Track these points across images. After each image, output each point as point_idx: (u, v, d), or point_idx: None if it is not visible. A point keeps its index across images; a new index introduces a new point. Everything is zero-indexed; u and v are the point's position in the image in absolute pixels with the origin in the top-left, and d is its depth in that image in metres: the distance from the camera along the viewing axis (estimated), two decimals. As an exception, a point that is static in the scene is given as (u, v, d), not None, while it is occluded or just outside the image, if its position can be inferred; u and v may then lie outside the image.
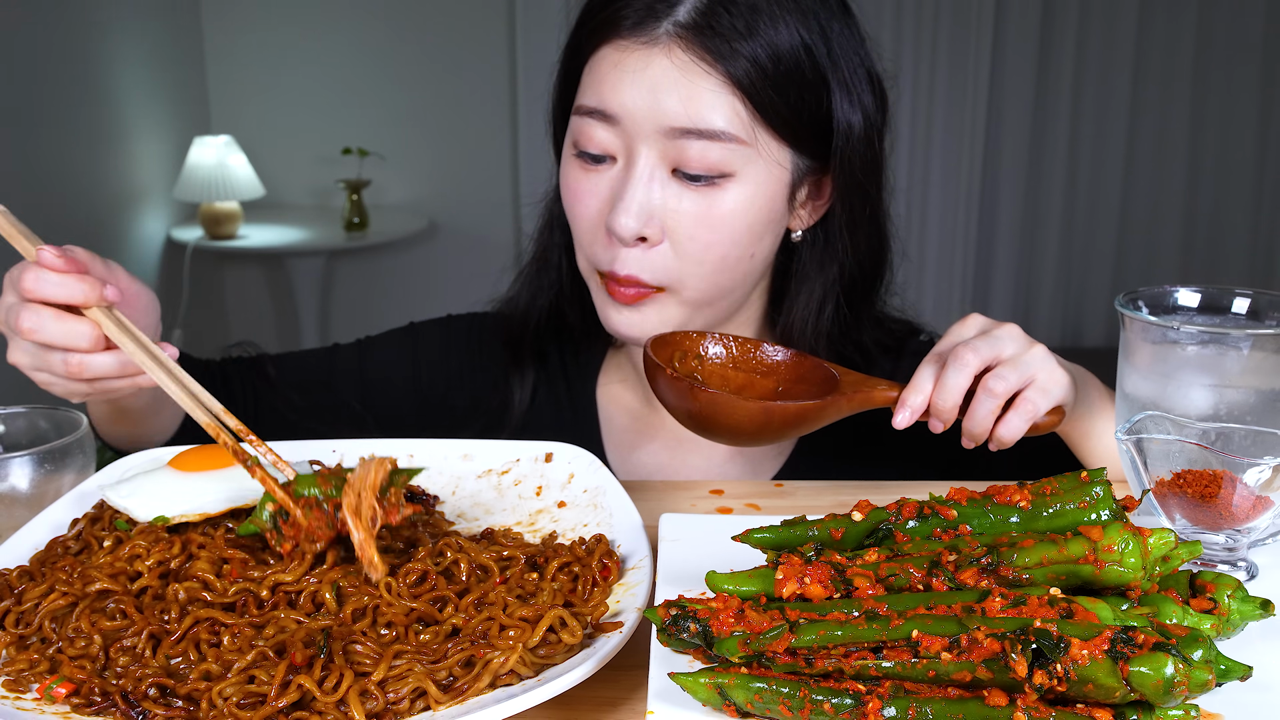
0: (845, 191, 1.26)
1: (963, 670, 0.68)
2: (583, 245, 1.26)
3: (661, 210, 1.18)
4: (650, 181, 1.18)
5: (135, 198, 4.29)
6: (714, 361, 1.17)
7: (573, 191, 1.24)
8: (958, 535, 0.82)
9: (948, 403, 1.05)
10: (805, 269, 1.32)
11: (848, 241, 1.29)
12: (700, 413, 1.07)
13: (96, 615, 0.86)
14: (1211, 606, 0.78)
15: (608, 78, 1.19)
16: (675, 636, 0.76)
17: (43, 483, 1.09)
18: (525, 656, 0.79)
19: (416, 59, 4.87)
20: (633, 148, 1.18)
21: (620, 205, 1.17)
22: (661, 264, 1.20)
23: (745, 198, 1.19)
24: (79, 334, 1.01)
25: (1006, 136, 4.89)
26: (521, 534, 1.05)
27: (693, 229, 1.19)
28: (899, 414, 1.07)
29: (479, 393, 1.47)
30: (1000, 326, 1.08)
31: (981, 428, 1.06)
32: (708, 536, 0.98)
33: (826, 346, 1.33)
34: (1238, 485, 0.90)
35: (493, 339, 1.48)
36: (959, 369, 1.04)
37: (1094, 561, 0.74)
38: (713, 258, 1.20)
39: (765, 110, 1.17)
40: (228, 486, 0.99)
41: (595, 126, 1.20)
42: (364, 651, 0.81)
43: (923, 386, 1.06)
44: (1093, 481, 0.82)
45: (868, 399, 1.09)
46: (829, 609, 0.74)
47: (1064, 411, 1.09)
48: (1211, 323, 1.04)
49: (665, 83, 1.15)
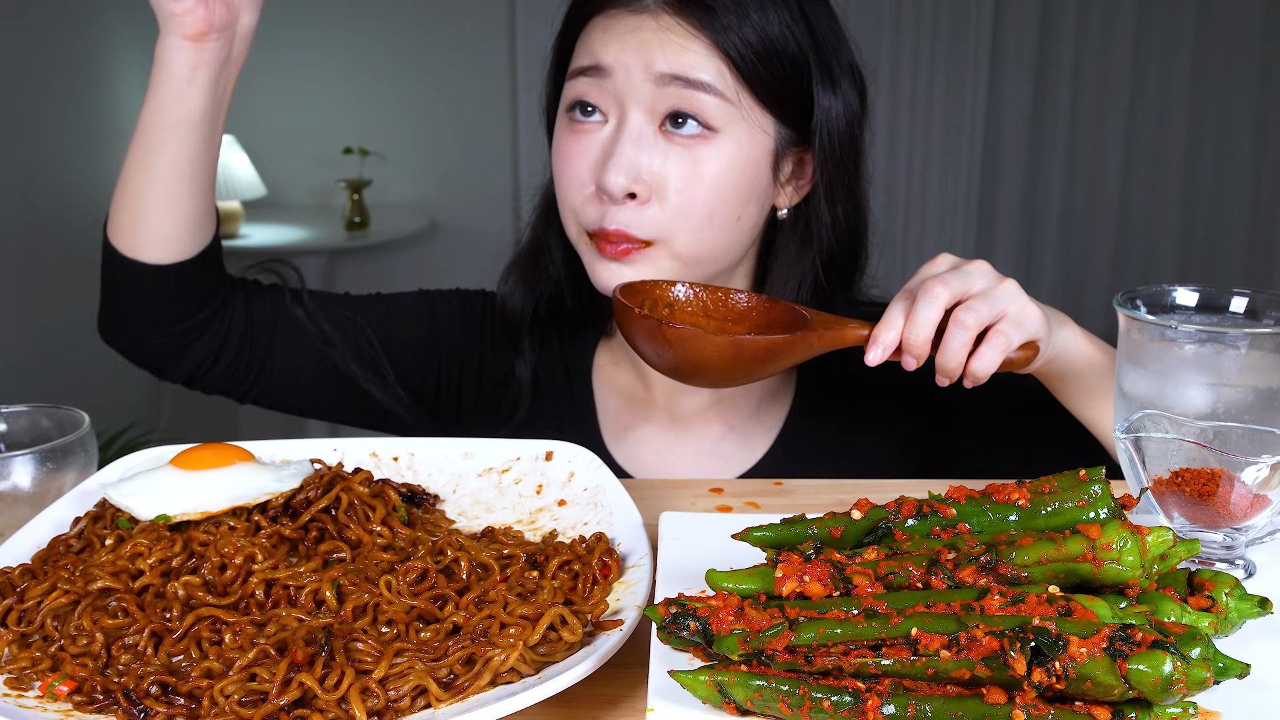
0: (825, 169, 1.29)
1: (961, 668, 0.68)
2: (572, 207, 1.28)
3: (649, 168, 1.22)
4: (639, 139, 1.22)
5: (137, 197, 4.29)
6: (685, 310, 1.19)
7: (563, 154, 1.28)
8: (956, 533, 0.82)
9: (919, 337, 1.05)
10: (787, 246, 1.35)
11: (827, 219, 1.31)
12: (670, 350, 1.07)
13: (98, 613, 0.86)
14: (1210, 604, 0.78)
15: (598, 39, 1.24)
16: (675, 634, 0.76)
17: (45, 481, 1.09)
18: (526, 654, 0.79)
19: (417, 59, 4.87)
20: (623, 105, 1.23)
21: (611, 162, 1.21)
22: (650, 220, 1.23)
23: (729, 156, 1.23)
24: None
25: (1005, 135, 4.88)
26: (522, 532, 1.05)
27: (679, 184, 1.22)
28: (871, 350, 1.06)
29: (490, 369, 1.49)
30: (970, 262, 1.08)
31: (955, 361, 1.05)
32: (707, 535, 0.98)
33: None
34: (1236, 484, 0.89)
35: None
36: (929, 302, 1.04)
37: (1092, 560, 0.74)
38: (699, 212, 1.23)
39: (750, 78, 1.22)
40: (229, 485, 0.99)
41: (587, 84, 1.24)
42: (365, 649, 0.81)
43: (894, 323, 1.06)
44: (1091, 480, 0.82)
45: (839, 336, 1.09)
46: (828, 607, 0.74)
47: (1038, 348, 1.09)
48: (1209, 322, 1.04)
49: (655, 40, 1.21)
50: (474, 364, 1.49)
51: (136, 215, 1.28)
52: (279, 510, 0.99)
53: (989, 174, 4.92)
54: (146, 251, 1.29)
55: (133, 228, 1.29)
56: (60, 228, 3.71)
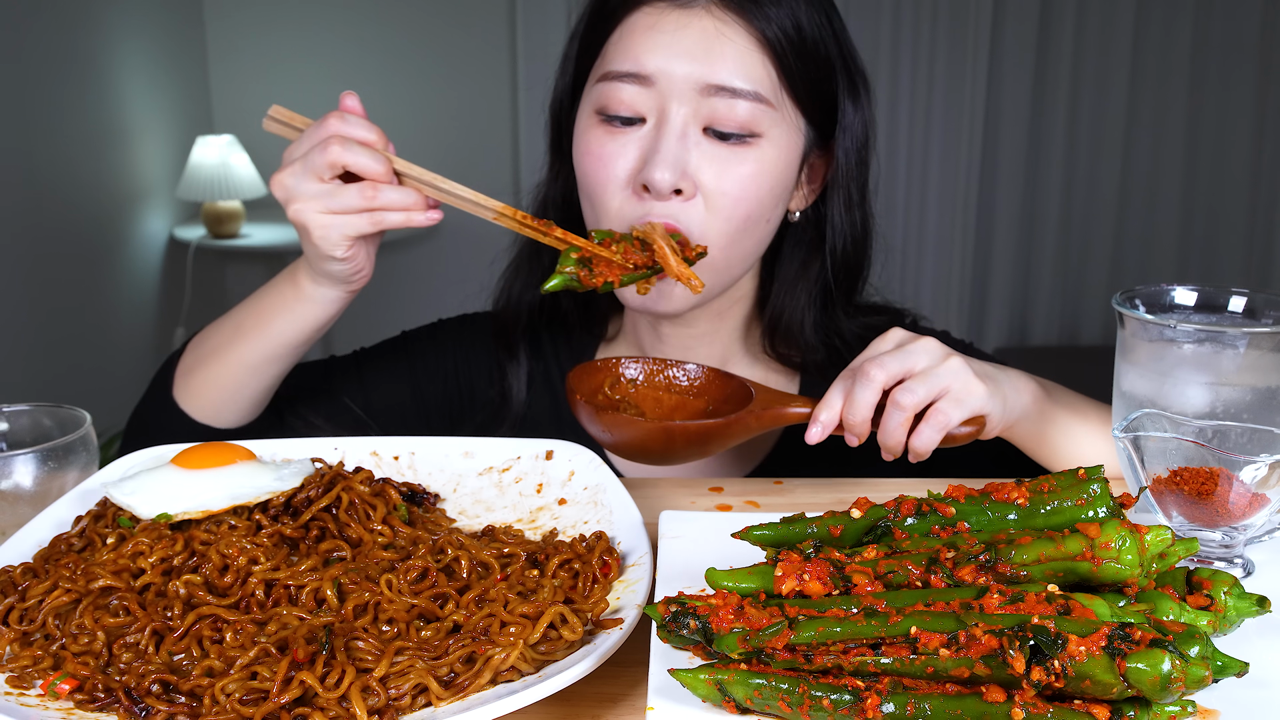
0: (844, 173, 1.30)
1: (961, 666, 0.68)
2: (608, 209, 1.25)
3: (695, 166, 1.21)
4: (684, 138, 1.21)
5: (138, 197, 4.29)
6: (641, 387, 1.22)
7: (597, 156, 1.25)
8: (956, 532, 0.82)
9: (857, 417, 1.08)
10: (795, 251, 1.36)
11: (842, 223, 1.32)
12: (609, 433, 1.13)
13: (100, 612, 0.86)
14: (1208, 603, 0.78)
15: (643, 40, 1.22)
16: (675, 633, 0.76)
17: (46, 480, 1.09)
18: (526, 653, 0.79)
19: (419, 58, 4.87)
20: (665, 107, 1.21)
21: (656, 158, 1.20)
22: (693, 217, 1.22)
23: (770, 159, 1.23)
24: (376, 160, 1.14)
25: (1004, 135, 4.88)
26: (522, 531, 1.05)
27: (724, 185, 1.21)
28: (811, 429, 1.10)
29: (475, 388, 1.48)
30: (916, 340, 1.09)
31: (894, 440, 1.08)
32: (707, 533, 0.98)
33: (814, 334, 1.37)
34: (1234, 482, 0.90)
35: (483, 335, 1.49)
36: (865, 385, 1.07)
37: (1091, 558, 0.74)
38: (740, 215, 1.23)
39: (790, 75, 1.22)
40: (230, 484, 0.99)
41: (626, 89, 1.22)
42: (366, 648, 0.81)
43: (832, 403, 1.09)
44: (1090, 479, 0.82)
45: (779, 416, 1.13)
46: (828, 605, 0.74)
47: (983, 421, 1.09)
48: (1208, 321, 1.04)
49: (703, 42, 1.20)
50: (460, 387, 1.49)
51: (229, 401, 1.31)
52: (280, 509, 0.99)
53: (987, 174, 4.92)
54: (225, 421, 1.32)
55: (216, 407, 1.31)
56: (62, 226, 3.72)
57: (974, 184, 4.88)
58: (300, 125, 1.21)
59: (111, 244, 4.08)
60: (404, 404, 1.47)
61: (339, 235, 1.15)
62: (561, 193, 1.39)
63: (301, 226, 1.15)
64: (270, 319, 1.25)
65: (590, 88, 1.27)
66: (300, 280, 1.23)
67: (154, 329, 4.37)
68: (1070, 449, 1.19)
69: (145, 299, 4.33)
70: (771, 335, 1.40)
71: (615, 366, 1.22)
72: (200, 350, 1.31)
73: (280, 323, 1.25)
